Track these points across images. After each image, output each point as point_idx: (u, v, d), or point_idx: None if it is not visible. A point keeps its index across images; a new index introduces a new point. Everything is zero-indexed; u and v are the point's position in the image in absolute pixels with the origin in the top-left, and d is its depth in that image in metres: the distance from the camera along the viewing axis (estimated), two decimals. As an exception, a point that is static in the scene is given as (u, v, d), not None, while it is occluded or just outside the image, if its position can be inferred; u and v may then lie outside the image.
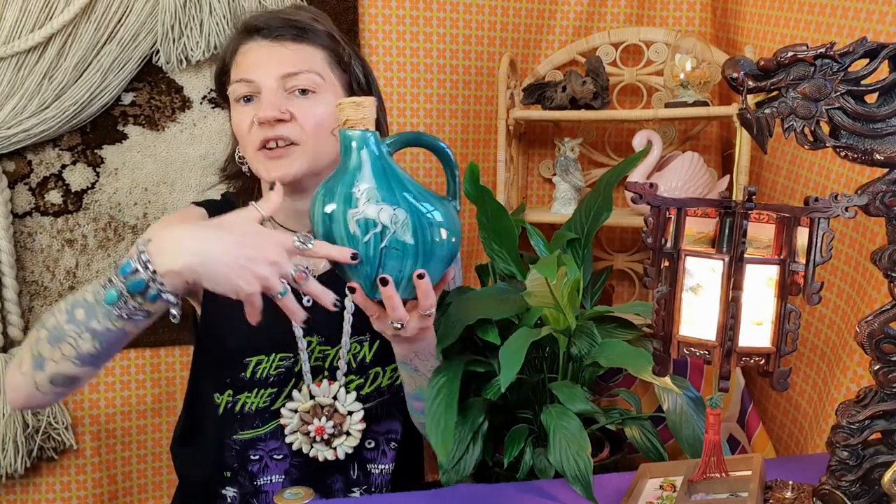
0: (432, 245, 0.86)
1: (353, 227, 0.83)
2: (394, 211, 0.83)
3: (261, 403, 1.11)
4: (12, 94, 1.31)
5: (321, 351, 1.13)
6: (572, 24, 1.66)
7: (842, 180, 1.20)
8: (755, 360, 0.72)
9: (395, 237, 0.83)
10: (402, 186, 0.85)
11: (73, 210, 1.41)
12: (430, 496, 0.96)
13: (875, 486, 0.75)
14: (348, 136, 0.86)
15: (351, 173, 0.85)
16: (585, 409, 1.03)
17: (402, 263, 0.85)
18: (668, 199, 0.73)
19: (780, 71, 0.69)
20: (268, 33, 1.04)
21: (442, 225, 0.86)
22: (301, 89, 1.03)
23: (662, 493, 0.88)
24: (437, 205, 0.87)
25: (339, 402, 1.11)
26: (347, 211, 0.83)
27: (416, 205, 0.85)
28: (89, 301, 0.85)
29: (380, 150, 0.87)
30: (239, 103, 1.06)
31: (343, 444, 1.12)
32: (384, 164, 0.86)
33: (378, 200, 0.83)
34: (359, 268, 0.85)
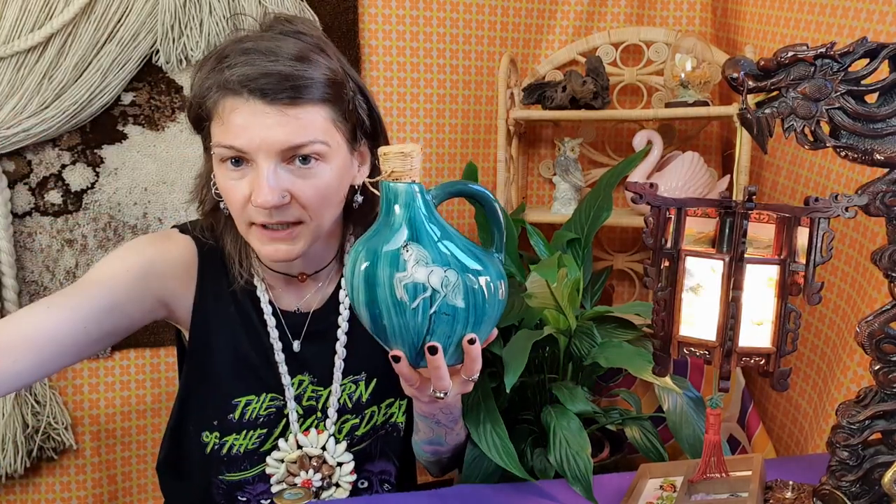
0: (484, 306, 0.79)
1: (400, 293, 0.76)
2: (445, 273, 0.76)
3: (249, 445, 1.03)
4: (12, 93, 1.31)
5: (314, 391, 1.05)
6: (572, 23, 1.66)
7: (842, 180, 1.20)
8: (755, 360, 0.72)
9: (446, 301, 0.77)
10: (451, 244, 0.78)
11: (73, 210, 1.41)
12: (429, 496, 0.95)
13: (875, 486, 0.75)
14: (394, 190, 0.78)
15: (396, 231, 0.77)
16: (585, 409, 1.03)
17: (451, 329, 0.78)
18: (668, 199, 0.73)
19: (780, 71, 0.69)
20: (261, 95, 0.85)
21: (492, 284, 0.79)
22: (303, 157, 0.89)
23: (662, 493, 0.88)
24: (487, 261, 0.80)
25: (327, 452, 1.04)
26: (395, 275, 0.76)
27: (466, 265, 0.78)
28: None
29: (427, 204, 0.79)
30: (225, 165, 0.90)
31: (332, 496, 1.05)
32: (431, 220, 0.79)
33: (428, 262, 0.76)
34: (404, 335, 0.78)
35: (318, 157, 0.89)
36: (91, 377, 1.46)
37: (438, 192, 0.81)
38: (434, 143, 1.59)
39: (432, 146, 1.59)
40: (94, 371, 1.46)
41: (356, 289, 0.78)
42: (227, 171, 0.90)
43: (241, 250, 1.00)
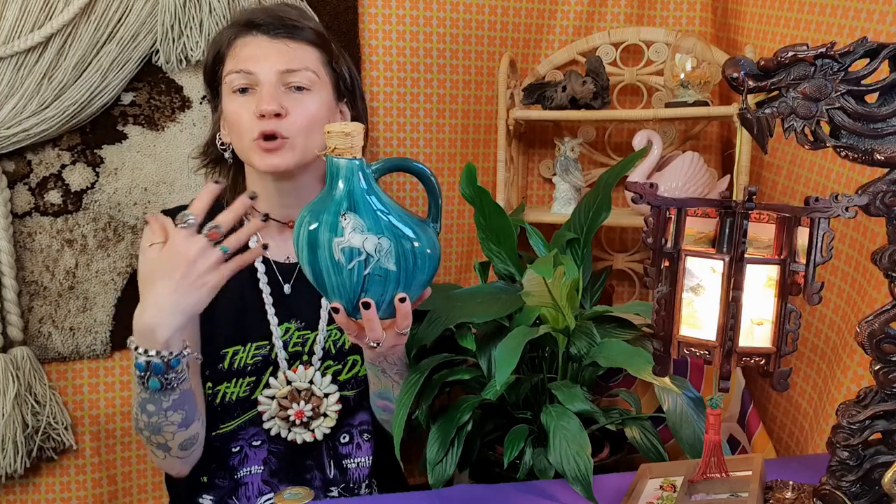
0: (414, 270, 0.89)
1: (338, 255, 0.86)
2: (378, 240, 0.86)
3: (241, 393, 1.14)
4: (12, 94, 1.31)
5: (301, 336, 1.16)
6: (572, 23, 1.66)
7: (842, 180, 1.20)
8: (755, 360, 0.72)
9: (379, 265, 0.87)
10: (386, 214, 0.88)
11: (73, 210, 1.41)
12: (429, 496, 0.96)
13: (875, 486, 0.75)
14: (336, 164, 0.88)
15: (337, 202, 0.87)
16: (585, 409, 1.03)
17: (384, 288, 0.89)
18: (668, 199, 0.73)
19: (780, 71, 0.69)
20: (266, 30, 1.09)
21: (423, 250, 0.89)
22: (297, 86, 1.09)
23: (662, 493, 0.88)
24: (420, 231, 0.90)
25: (315, 385, 1.15)
26: (333, 239, 0.86)
27: (400, 232, 0.88)
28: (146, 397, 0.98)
29: (366, 178, 0.89)
30: (234, 94, 1.10)
31: (321, 425, 1.16)
32: (370, 193, 0.89)
33: (363, 230, 0.86)
34: (342, 291, 0.89)
35: (308, 87, 1.10)
36: (91, 377, 1.46)
37: (379, 167, 0.91)
38: (434, 143, 1.59)
39: (432, 146, 1.59)
40: (94, 371, 1.46)
41: (301, 248, 0.89)
42: (236, 99, 1.10)
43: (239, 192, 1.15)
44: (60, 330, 1.42)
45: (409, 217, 0.91)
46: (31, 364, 1.38)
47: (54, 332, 1.42)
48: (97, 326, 1.44)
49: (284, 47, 1.09)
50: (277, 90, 1.08)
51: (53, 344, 1.42)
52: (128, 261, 1.44)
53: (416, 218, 0.92)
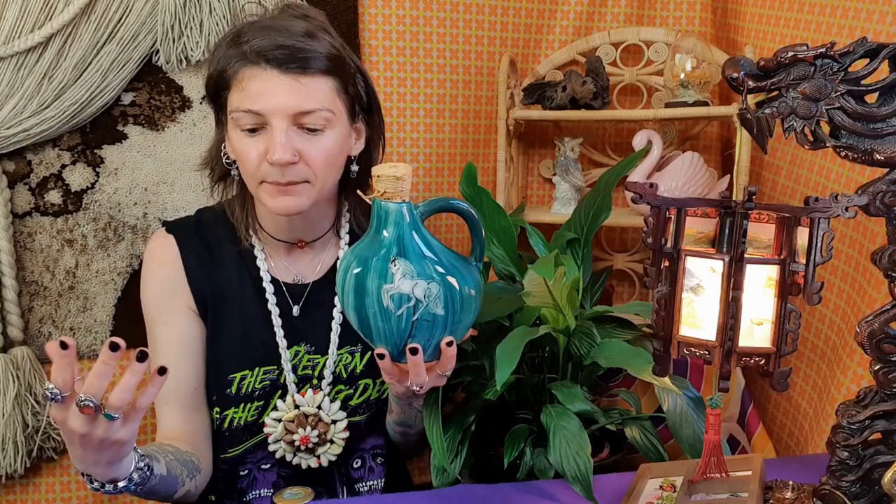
0: (461, 313, 0.88)
1: (386, 302, 0.84)
2: (428, 285, 0.85)
3: (248, 418, 1.11)
4: (12, 94, 1.31)
5: (310, 360, 1.13)
6: (572, 23, 1.66)
7: (842, 180, 1.20)
8: (755, 360, 0.72)
9: (428, 310, 0.85)
10: (435, 258, 0.87)
11: (73, 210, 1.41)
12: (429, 496, 0.96)
13: (875, 486, 0.75)
14: (385, 208, 0.86)
15: (387, 247, 0.86)
16: (585, 409, 1.03)
17: (431, 333, 0.87)
18: (668, 199, 0.73)
19: (780, 71, 0.69)
20: (276, 64, 0.97)
21: (470, 292, 0.88)
22: (311, 127, 1.00)
23: (662, 493, 0.88)
24: (466, 272, 0.89)
25: (323, 411, 1.11)
26: (383, 286, 0.84)
27: (448, 277, 0.86)
28: None
29: (414, 221, 0.87)
30: (242, 132, 1.01)
31: (327, 452, 1.12)
32: (419, 235, 0.87)
33: (413, 276, 0.85)
34: (388, 336, 0.87)
35: (324, 124, 1.01)
36: (91, 377, 1.46)
37: (425, 209, 0.89)
38: (434, 143, 1.59)
39: (432, 146, 1.59)
40: (94, 371, 1.46)
41: (346, 294, 0.87)
42: (243, 137, 1.01)
43: (249, 216, 1.12)
44: (60, 330, 1.42)
45: (456, 258, 0.89)
46: (32, 364, 1.38)
47: (54, 332, 1.42)
48: (97, 326, 1.44)
49: (297, 84, 0.98)
50: (289, 134, 0.99)
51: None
52: (128, 261, 1.44)
53: (461, 258, 0.91)
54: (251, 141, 1.00)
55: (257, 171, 1.01)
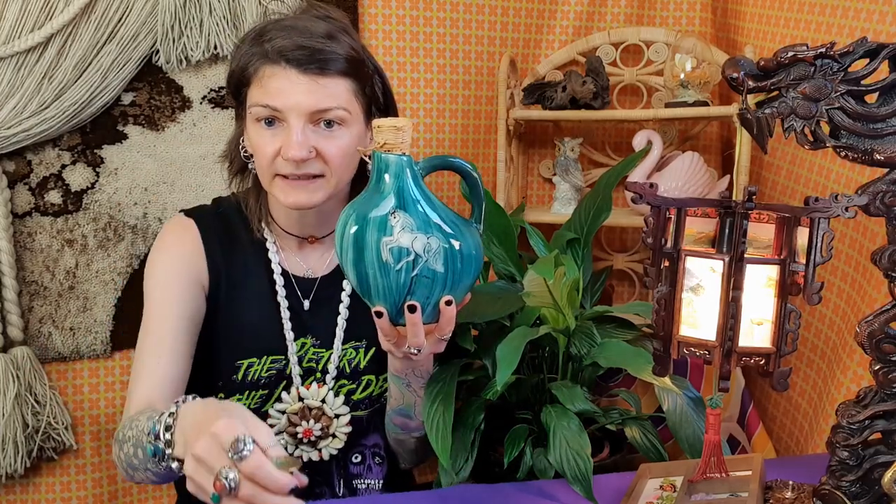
0: (460, 272, 0.86)
1: (385, 255, 0.83)
2: (427, 240, 0.83)
3: (251, 405, 1.11)
4: (12, 94, 1.31)
5: (315, 353, 1.14)
6: (572, 23, 1.66)
7: (842, 180, 1.20)
8: (755, 360, 0.72)
9: (427, 266, 0.84)
10: (435, 214, 0.86)
11: (73, 210, 1.41)
12: (428, 496, 0.96)
13: (875, 486, 0.75)
14: (385, 160, 0.85)
15: (385, 199, 0.84)
16: (585, 409, 1.03)
17: (430, 291, 0.86)
18: (668, 199, 0.73)
19: (780, 71, 0.69)
20: (297, 64, 1.00)
21: (470, 252, 0.87)
22: (327, 121, 1.02)
23: (662, 493, 0.88)
24: (466, 231, 0.87)
25: (327, 404, 1.12)
26: (382, 239, 0.83)
27: (448, 233, 0.85)
28: (143, 443, 0.89)
29: (415, 175, 0.86)
30: (260, 124, 1.03)
31: (328, 446, 1.12)
32: (419, 191, 0.86)
33: (413, 229, 0.83)
34: (387, 294, 0.85)
35: (340, 122, 1.03)
36: (91, 377, 1.46)
37: (425, 165, 0.88)
38: (434, 143, 1.59)
39: (432, 146, 1.59)
40: (94, 371, 1.46)
41: (345, 249, 0.85)
42: (260, 130, 1.03)
43: (262, 208, 1.14)
44: (60, 330, 1.42)
45: (456, 217, 0.88)
46: (32, 364, 1.38)
47: (54, 332, 1.42)
48: (97, 326, 1.44)
49: (315, 85, 1.00)
50: (306, 131, 1.01)
51: (53, 344, 1.42)
52: (128, 261, 1.44)
53: (462, 218, 0.89)
54: (268, 134, 1.03)
55: (272, 165, 1.03)
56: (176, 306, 1.09)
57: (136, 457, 0.92)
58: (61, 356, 1.43)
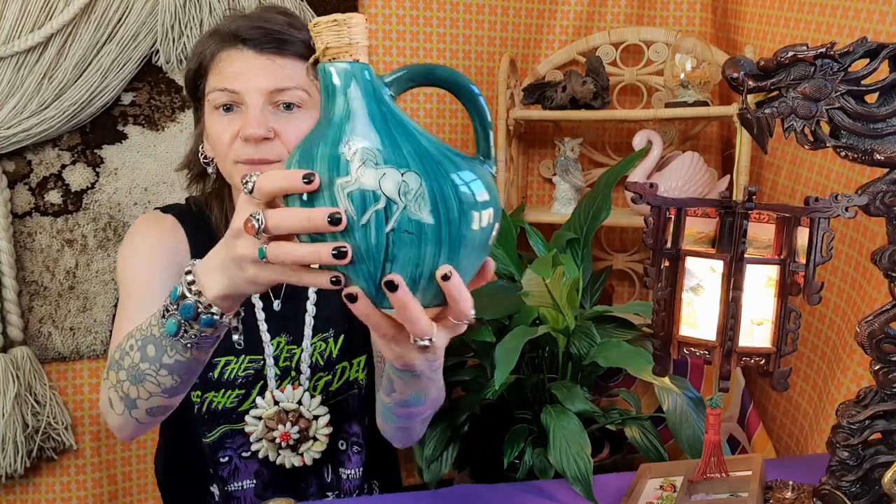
0: (461, 224, 0.59)
1: (343, 203, 0.57)
2: (402, 176, 0.57)
3: (228, 404, 1.09)
4: (12, 94, 1.31)
5: (289, 351, 1.11)
6: (572, 23, 1.66)
7: (842, 180, 1.20)
8: (755, 360, 0.72)
9: (407, 215, 0.57)
10: (411, 140, 0.59)
11: (73, 210, 1.41)
12: (428, 496, 0.95)
13: (875, 486, 0.75)
14: (329, 72, 0.61)
15: (336, 126, 0.59)
16: (585, 409, 1.03)
17: (419, 253, 0.58)
18: (668, 199, 0.73)
19: (780, 71, 0.69)
20: (253, 44, 0.98)
21: (472, 192, 0.59)
22: (286, 104, 0.98)
23: (662, 493, 0.88)
24: (465, 166, 0.60)
25: (303, 406, 1.09)
26: (335, 181, 0.57)
27: (434, 165, 0.58)
28: (155, 335, 0.79)
29: (376, 89, 0.61)
30: (217, 112, 1.00)
31: (310, 449, 1.09)
32: (384, 109, 0.60)
33: (378, 162, 0.57)
34: (357, 262, 0.59)
35: (300, 104, 0.99)
36: (91, 377, 1.46)
37: (396, 78, 0.62)
38: (434, 143, 1.59)
39: (432, 146, 1.59)
40: (94, 371, 1.46)
41: (293, 200, 0.61)
42: (219, 118, 0.99)
43: (228, 214, 1.09)
44: (60, 330, 1.42)
45: (448, 149, 0.61)
46: (32, 364, 1.38)
47: (54, 332, 1.42)
48: (97, 326, 1.44)
49: (272, 64, 0.98)
50: (265, 111, 0.97)
51: (53, 344, 1.42)
52: (128, 261, 1.44)
53: (458, 153, 0.62)
54: (226, 121, 0.99)
55: (230, 151, 0.98)
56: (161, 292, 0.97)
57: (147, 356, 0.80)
58: (61, 356, 1.43)
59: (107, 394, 0.90)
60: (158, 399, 0.86)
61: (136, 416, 0.88)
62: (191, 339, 0.76)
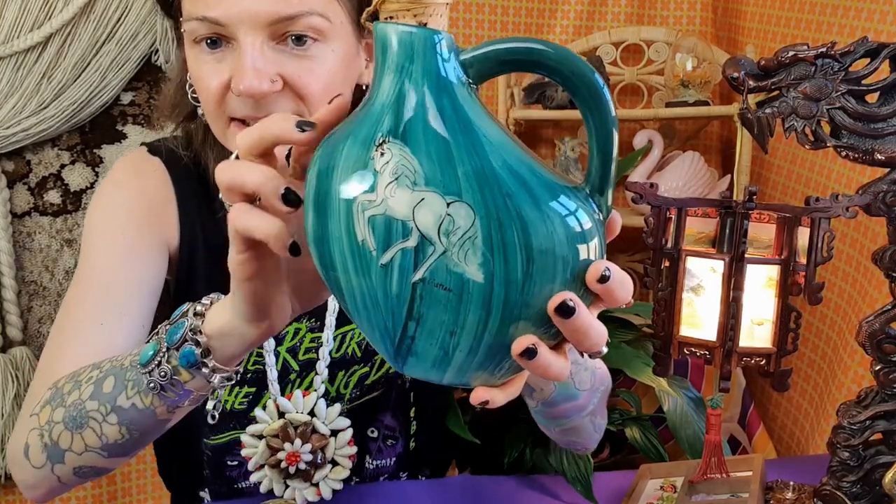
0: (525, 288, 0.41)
1: (361, 231, 0.40)
2: (448, 207, 0.39)
3: (236, 405, 0.88)
4: (11, 93, 1.31)
5: (313, 339, 0.87)
6: (573, 23, 1.66)
7: (843, 180, 1.20)
8: (756, 360, 0.72)
9: (446, 263, 0.40)
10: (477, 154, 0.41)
11: (73, 210, 1.41)
12: (429, 485, 0.95)
13: (876, 486, 0.75)
14: (384, 34, 0.43)
15: (376, 116, 0.42)
16: (585, 409, 1.03)
17: (455, 319, 0.41)
18: (668, 198, 0.73)
19: (780, 70, 0.69)
20: None
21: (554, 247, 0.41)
22: (295, 36, 0.69)
23: (663, 493, 0.88)
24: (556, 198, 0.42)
25: (317, 418, 0.78)
26: (356, 197, 0.40)
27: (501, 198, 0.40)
28: (124, 365, 0.62)
29: (446, 71, 0.43)
30: (199, 47, 0.71)
31: (328, 477, 0.78)
32: (449, 102, 0.42)
33: (417, 182, 0.39)
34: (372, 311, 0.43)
35: (316, 35, 0.70)
36: (90, 377, 1.46)
37: (476, 57, 0.43)
38: (434, 142, 1.59)
39: (432, 146, 1.59)
40: (94, 371, 1.46)
41: (307, 211, 0.44)
42: (200, 55, 0.71)
43: None
44: (60, 330, 1.42)
45: (539, 169, 0.43)
46: (31, 364, 1.38)
47: (54, 332, 1.42)
48: (97, 326, 1.44)
49: None
50: (265, 50, 0.68)
51: (53, 344, 1.42)
52: (127, 261, 1.44)
53: (557, 176, 0.44)
54: (212, 60, 0.71)
55: (221, 107, 0.72)
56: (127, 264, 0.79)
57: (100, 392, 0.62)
58: (61, 356, 1.43)
59: (24, 437, 0.67)
60: (94, 457, 0.65)
61: (60, 474, 0.66)
62: (159, 377, 0.58)
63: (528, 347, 0.42)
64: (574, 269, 0.42)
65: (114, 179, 0.85)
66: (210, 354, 0.56)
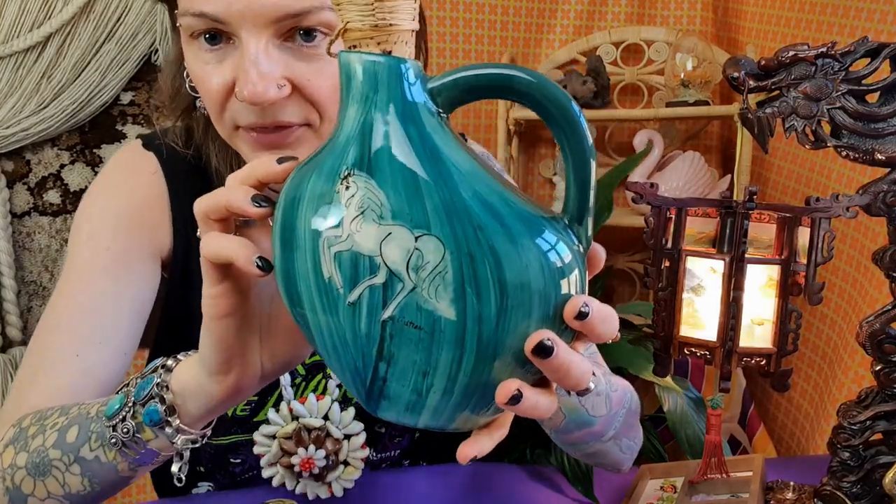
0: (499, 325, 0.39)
1: (328, 268, 0.39)
2: (416, 241, 0.38)
3: (238, 411, 0.83)
4: (11, 93, 1.31)
5: None
6: (573, 23, 1.66)
7: (843, 180, 1.20)
8: (756, 360, 0.72)
9: (416, 300, 0.38)
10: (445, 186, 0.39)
11: (72, 210, 1.41)
12: (429, 472, 0.94)
13: (876, 486, 0.75)
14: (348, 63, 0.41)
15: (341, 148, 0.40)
16: (585, 409, 1.03)
17: (427, 358, 0.39)
18: (668, 198, 0.73)
19: (781, 70, 0.69)
20: None
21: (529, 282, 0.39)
22: (304, 31, 0.62)
23: (663, 493, 0.88)
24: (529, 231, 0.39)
25: (331, 422, 0.79)
26: (321, 232, 0.39)
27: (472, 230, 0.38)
28: (90, 413, 0.59)
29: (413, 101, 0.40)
30: (196, 42, 0.64)
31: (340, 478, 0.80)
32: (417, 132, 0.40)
33: (384, 216, 0.38)
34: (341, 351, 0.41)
35: (328, 29, 0.63)
36: (90, 377, 1.46)
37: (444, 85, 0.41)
38: (434, 142, 1.59)
39: (432, 146, 1.59)
40: (94, 371, 1.46)
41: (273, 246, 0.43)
42: (199, 52, 0.64)
43: (232, 161, 0.77)
44: (60, 330, 1.42)
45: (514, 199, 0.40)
46: (31, 364, 1.38)
47: (53, 331, 1.42)
48: (96, 326, 1.44)
49: None
50: (270, 50, 0.62)
51: (53, 344, 1.42)
52: (127, 261, 1.44)
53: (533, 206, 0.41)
54: (212, 59, 0.64)
55: (226, 112, 0.66)
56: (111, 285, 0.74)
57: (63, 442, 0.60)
58: (60, 356, 1.43)
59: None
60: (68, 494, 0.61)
61: None
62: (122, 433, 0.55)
63: (513, 395, 0.40)
64: (553, 304, 0.40)
65: (103, 182, 0.81)
66: (175, 413, 0.54)
